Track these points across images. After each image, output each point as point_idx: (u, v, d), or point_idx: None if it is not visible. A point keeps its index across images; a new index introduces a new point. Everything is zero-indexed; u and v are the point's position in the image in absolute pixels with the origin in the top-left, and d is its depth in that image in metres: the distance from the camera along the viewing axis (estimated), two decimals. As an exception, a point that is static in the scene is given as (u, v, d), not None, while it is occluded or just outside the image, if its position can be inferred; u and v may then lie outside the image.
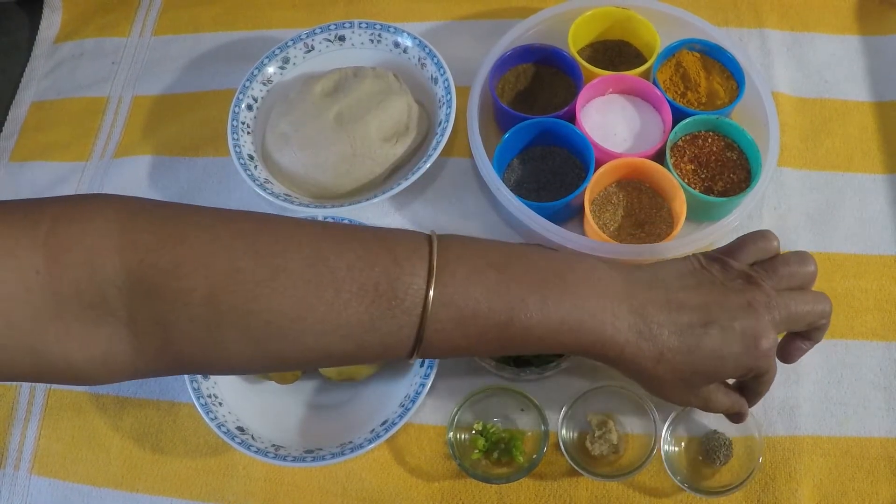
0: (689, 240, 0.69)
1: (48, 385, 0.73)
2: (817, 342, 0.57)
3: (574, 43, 0.78)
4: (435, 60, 0.78)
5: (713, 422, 0.66)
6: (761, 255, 0.55)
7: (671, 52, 0.77)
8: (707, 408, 0.56)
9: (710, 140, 0.74)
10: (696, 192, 0.71)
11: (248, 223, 0.44)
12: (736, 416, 0.59)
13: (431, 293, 0.44)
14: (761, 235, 0.55)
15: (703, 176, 0.73)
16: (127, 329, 0.41)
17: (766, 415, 0.67)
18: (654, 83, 0.75)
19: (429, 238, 0.47)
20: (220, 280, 0.41)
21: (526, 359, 0.66)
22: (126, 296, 0.40)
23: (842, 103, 0.80)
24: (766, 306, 0.51)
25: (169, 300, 0.40)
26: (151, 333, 0.41)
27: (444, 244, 0.47)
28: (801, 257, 0.55)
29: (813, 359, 0.69)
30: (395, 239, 0.46)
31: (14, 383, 0.74)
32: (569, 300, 0.48)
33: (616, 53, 0.81)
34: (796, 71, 0.82)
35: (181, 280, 0.40)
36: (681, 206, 0.70)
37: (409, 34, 0.80)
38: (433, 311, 0.44)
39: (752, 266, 0.54)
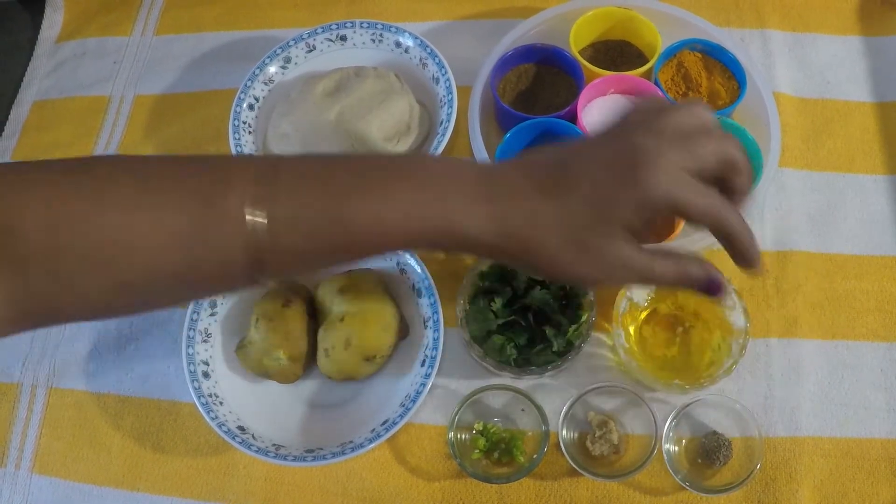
0: (689, 240, 0.69)
1: (49, 384, 0.73)
2: (744, 192, 0.46)
3: (575, 43, 0.78)
4: (436, 60, 0.78)
5: (713, 422, 0.66)
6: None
7: (673, 53, 0.77)
8: (636, 275, 0.45)
9: (711, 140, 0.74)
10: (698, 192, 0.71)
11: (78, 163, 0.46)
12: (708, 286, 0.46)
13: (259, 205, 0.43)
14: (648, 98, 0.50)
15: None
16: None
17: (766, 415, 0.67)
18: (656, 83, 0.75)
19: (256, 156, 0.47)
20: (55, 214, 0.43)
21: (526, 359, 0.66)
22: None
23: (843, 104, 0.80)
24: (645, 132, 0.43)
25: (13, 239, 0.42)
26: (5, 277, 0.43)
27: (273, 159, 0.46)
28: (690, 105, 0.46)
29: (814, 359, 0.69)
30: (222, 159, 0.47)
31: (16, 381, 0.74)
32: (411, 192, 0.44)
33: (618, 53, 0.81)
34: (798, 71, 0.82)
35: (20, 220, 0.42)
36: (682, 207, 0.70)
37: (410, 34, 0.80)
38: (267, 222, 0.43)
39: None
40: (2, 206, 0.42)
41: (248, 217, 0.43)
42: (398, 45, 0.81)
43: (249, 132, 0.78)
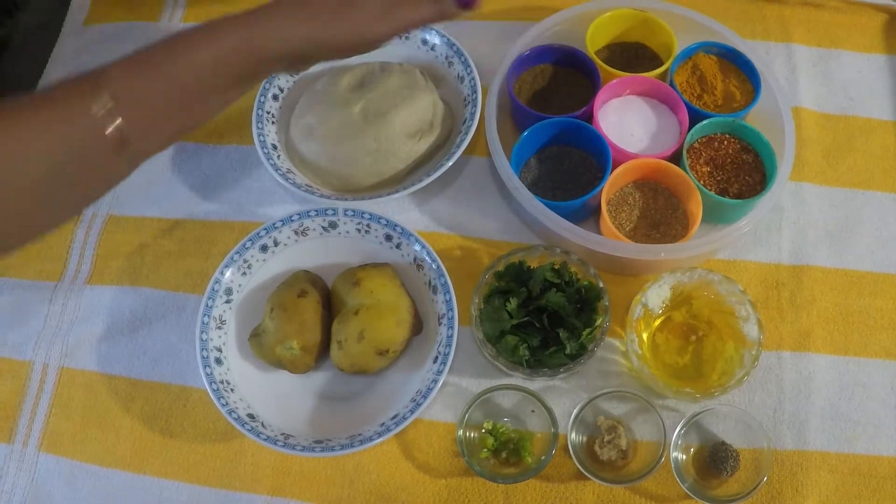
0: (703, 241, 0.69)
1: (61, 363, 0.73)
2: None
3: (591, 44, 0.78)
4: (462, 59, 0.78)
5: (722, 432, 0.66)
6: None
7: (688, 55, 0.77)
8: (405, 21, 0.59)
9: (726, 142, 0.74)
10: (712, 193, 0.71)
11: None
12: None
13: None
14: None
15: (718, 178, 0.73)
16: None
17: (775, 428, 0.67)
18: (671, 85, 0.75)
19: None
20: None
21: (539, 360, 0.66)
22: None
23: (865, 121, 0.80)
24: None
25: None
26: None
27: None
28: None
29: (825, 374, 0.69)
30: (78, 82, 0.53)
31: (27, 359, 0.74)
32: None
33: (633, 55, 0.81)
34: (821, 86, 0.82)
35: None
36: (696, 208, 0.70)
37: (437, 32, 0.80)
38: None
39: None
40: None
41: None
42: (425, 42, 0.81)
43: (273, 122, 0.78)
